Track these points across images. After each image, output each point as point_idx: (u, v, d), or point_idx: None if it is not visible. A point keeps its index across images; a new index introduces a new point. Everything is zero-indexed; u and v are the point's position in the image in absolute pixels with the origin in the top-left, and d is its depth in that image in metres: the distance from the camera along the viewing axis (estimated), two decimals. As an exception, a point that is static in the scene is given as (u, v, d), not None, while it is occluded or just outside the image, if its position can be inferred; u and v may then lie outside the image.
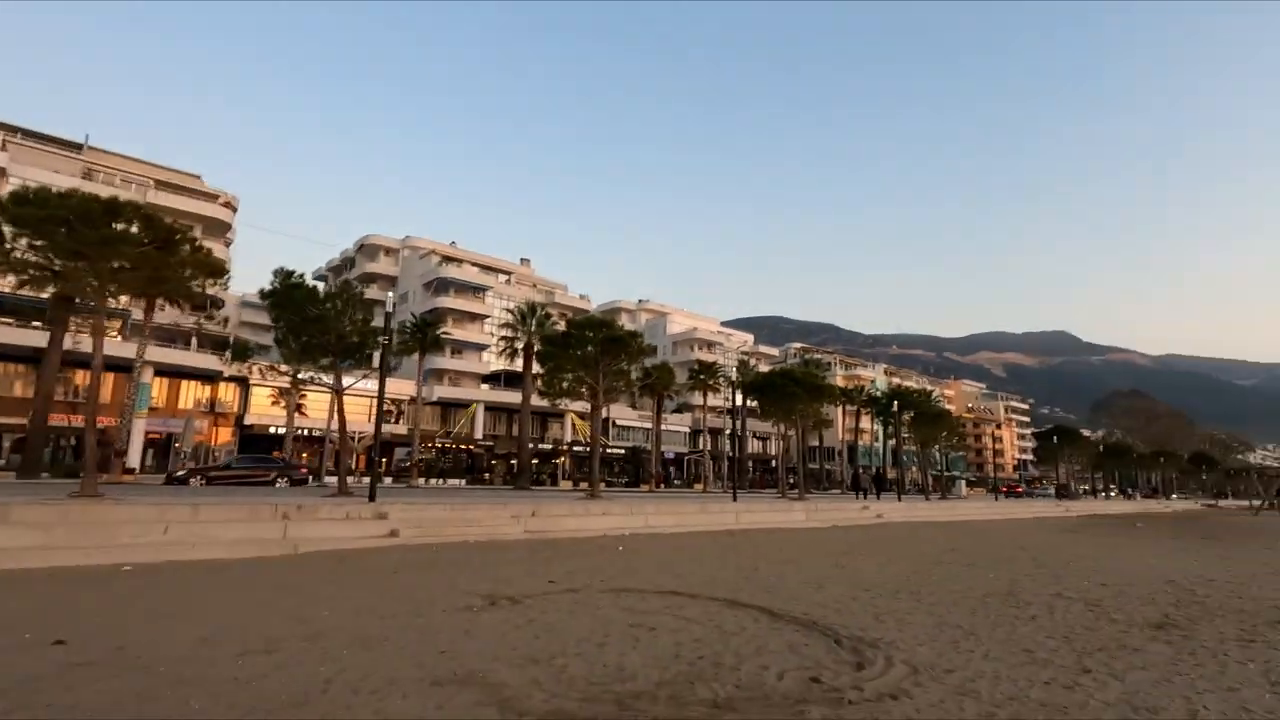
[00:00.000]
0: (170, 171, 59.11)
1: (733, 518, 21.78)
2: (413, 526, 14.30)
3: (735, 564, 11.95)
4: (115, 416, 45.57)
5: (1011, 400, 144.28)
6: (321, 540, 12.73)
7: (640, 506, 19.85)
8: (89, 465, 13.49)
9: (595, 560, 11.77)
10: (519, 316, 40.30)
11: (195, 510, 12.17)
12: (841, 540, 18.30)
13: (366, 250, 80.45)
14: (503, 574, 9.77)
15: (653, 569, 10.80)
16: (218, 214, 56.77)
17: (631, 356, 21.55)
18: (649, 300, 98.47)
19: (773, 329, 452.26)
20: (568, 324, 22.11)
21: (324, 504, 13.85)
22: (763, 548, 15.33)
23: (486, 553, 12.39)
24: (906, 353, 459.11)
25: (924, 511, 30.70)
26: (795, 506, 25.20)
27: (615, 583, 9.12)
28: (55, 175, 49.06)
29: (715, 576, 10.19)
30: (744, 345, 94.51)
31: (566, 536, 16.09)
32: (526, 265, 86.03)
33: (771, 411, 30.07)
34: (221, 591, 7.94)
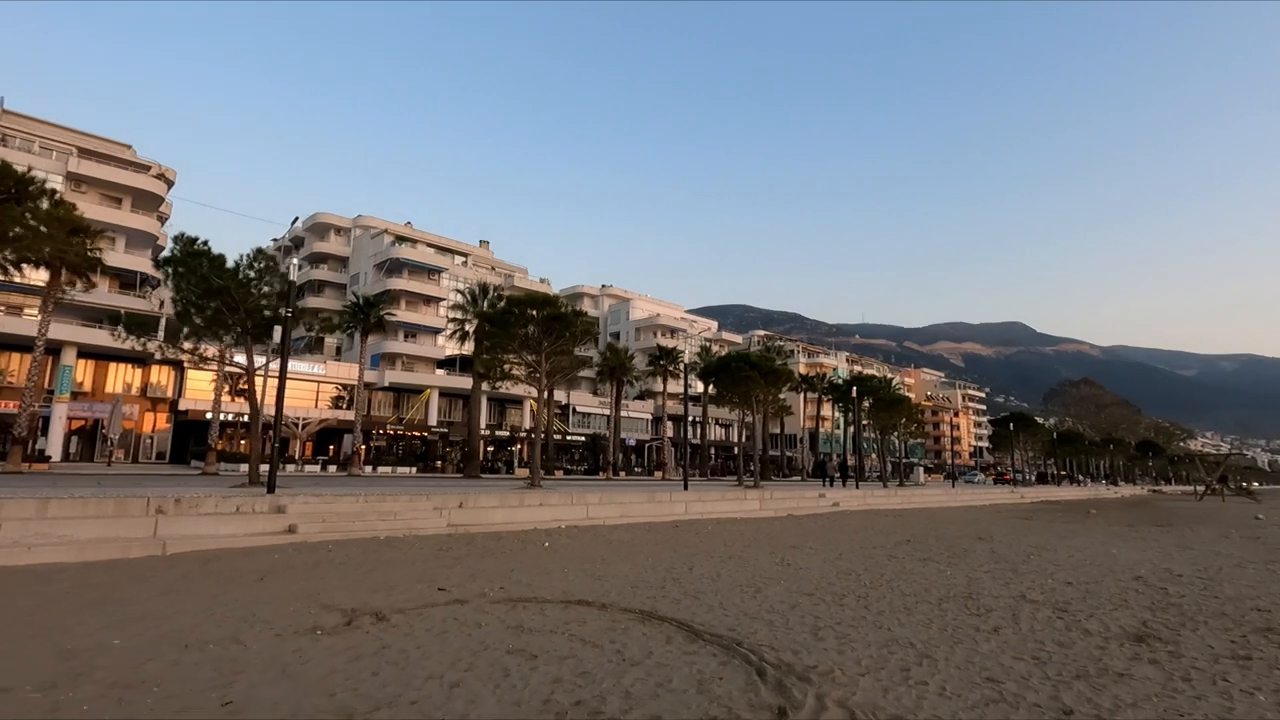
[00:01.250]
0: (98, 140, 55.25)
1: (682, 508, 20.61)
2: (315, 521, 12.73)
3: (669, 562, 10.69)
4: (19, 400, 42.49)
5: (969, 389, 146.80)
6: (199, 539, 11.10)
7: (582, 497, 18.51)
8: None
9: (511, 559, 10.40)
10: (469, 298, 38.42)
11: (44, 505, 10.40)
12: (794, 531, 17.25)
13: (316, 229, 77.07)
14: (392, 578, 8.34)
15: (573, 570, 9.47)
16: (148, 185, 53.25)
17: (575, 337, 20.10)
18: (612, 286, 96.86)
19: (738, 318, 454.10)
20: (508, 301, 20.57)
21: (211, 497, 12.17)
22: (706, 541, 14.15)
23: (390, 551, 10.91)
24: (869, 342, 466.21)
25: (881, 499, 30.04)
26: (750, 495, 24.18)
27: (519, 589, 7.76)
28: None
29: (640, 578, 8.91)
30: (707, 332, 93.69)
31: (493, 530, 14.69)
32: (485, 247, 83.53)
33: (728, 397, 29.00)
34: (7, 610, 6.34)
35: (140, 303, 50.83)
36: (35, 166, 47.21)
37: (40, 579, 8.12)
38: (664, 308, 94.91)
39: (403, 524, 13.75)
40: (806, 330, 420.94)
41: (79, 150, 52.26)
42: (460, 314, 39.80)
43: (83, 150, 52.45)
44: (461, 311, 39.93)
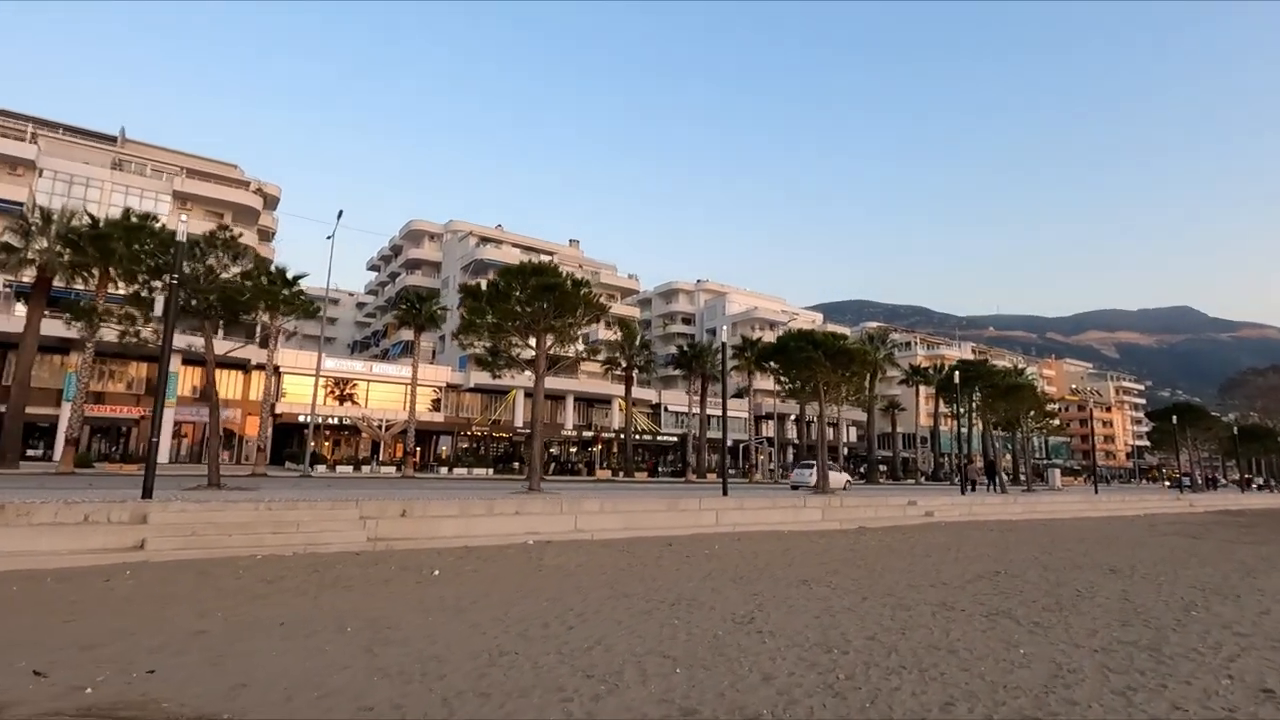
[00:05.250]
0: (205, 161, 58.58)
1: (712, 518, 16.65)
2: (179, 535, 10.18)
3: (544, 609, 7.05)
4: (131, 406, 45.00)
5: (1124, 381, 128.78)
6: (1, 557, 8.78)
7: (577, 504, 15.07)
8: None
9: (353, 597, 7.20)
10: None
11: None
12: (841, 552, 12.89)
13: (412, 236, 78.96)
14: (114, 633, 5.36)
15: (374, 623, 6.11)
16: (248, 200, 55.66)
17: (568, 310, 16.68)
18: (709, 280, 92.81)
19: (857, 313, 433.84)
20: (498, 272, 17.57)
21: (50, 504, 9.92)
22: (697, 566, 10.30)
23: (227, 579, 8.03)
24: (1004, 334, 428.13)
25: (992, 508, 24.28)
26: (811, 503, 19.71)
27: (137, 686, 4.49)
28: (85, 166, 48.90)
29: (436, 653, 5.37)
30: (811, 324, 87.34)
31: (433, 547, 11.62)
32: (574, 246, 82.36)
33: (793, 386, 24.54)
34: None
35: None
36: (146, 188, 50.47)
37: None
38: (762, 300, 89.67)
39: (303, 538, 10.96)
40: (933, 324, 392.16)
41: (188, 171, 55.33)
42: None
43: (191, 171, 55.53)
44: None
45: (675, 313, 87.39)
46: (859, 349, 22.65)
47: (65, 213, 30.77)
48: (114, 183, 49.60)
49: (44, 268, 29.74)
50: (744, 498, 19.07)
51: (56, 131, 51.65)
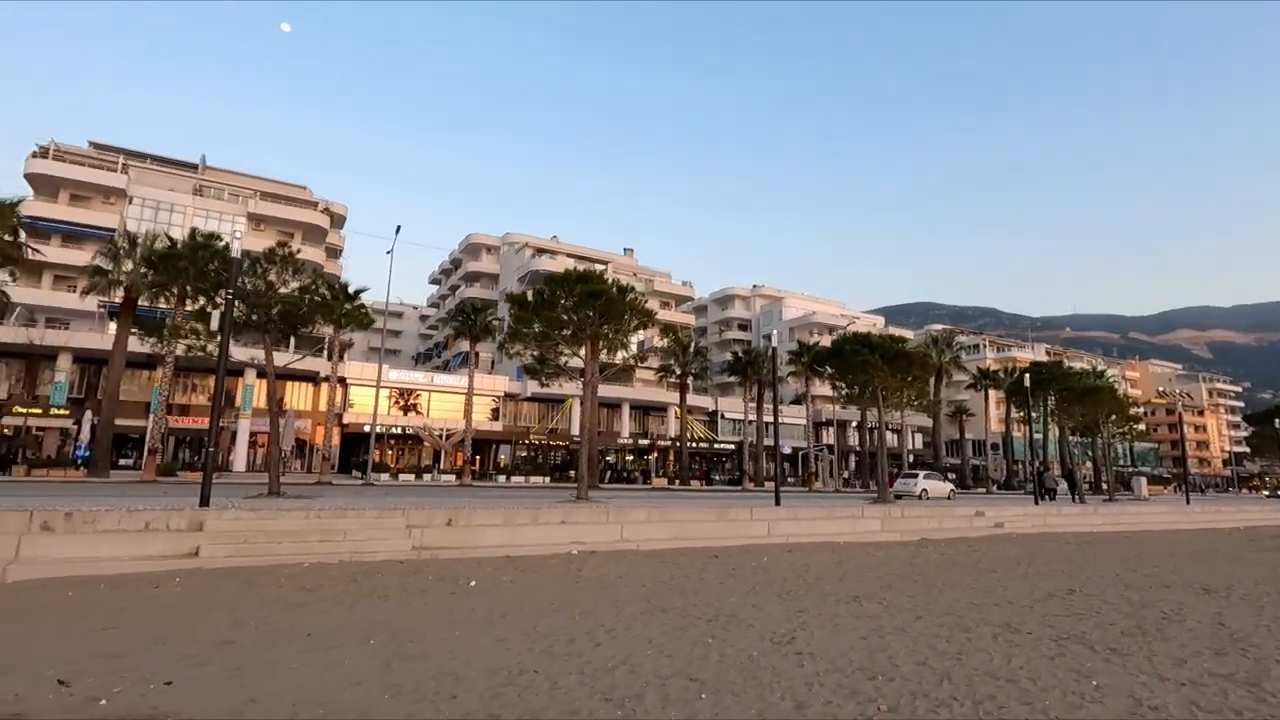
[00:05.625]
0: (277, 184, 61.46)
1: (763, 528, 16.13)
2: (231, 542, 10.46)
3: (596, 624, 6.80)
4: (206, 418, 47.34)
5: (1217, 382, 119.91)
6: (65, 563, 9.17)
7: (623, 514, 14.84)
8: None
9: (389, 607, 7.16)
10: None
11: (-98, 519, 9.05)
12: (898, 566, 12.20)
13: (470, 249, 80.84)
14: (137, 643, 5.46)
15: (398, 636, 5.99)
16: (315, 220, 58.11)
17: (614, 317, 16.47)
18: (764, 286, 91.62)
19: (922, 315, 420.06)
20: (544, 281, 17.59)
21: (114, 512, 10.35)
22: (742, 579, 9.88)
23: (269, 587, 8.15)
24: (1082, 335, 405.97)
25: (1070, 519, 22.75)
26: (869, 513, 18.88)
27: (148, 695, 4.47)
28: (170, 193, 52.03)
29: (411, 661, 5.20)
30: (872, 328, 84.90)
31: (477, 556, 11.59)
32: (629, 255, 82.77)
33: (850, 392, 23.65)
34: None
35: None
36: (224, 211, 53.35)
37: None
38: (820, 305, 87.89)
39: (350, 546, 11.10)
40: (1004, 326, 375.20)
41: (261, 194, 58.15)
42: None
43: (264, 194, 58.34)
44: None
45: (731, 319, 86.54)
46: (919, 352, 21.64)
47: (149, 236, 32.81)
48: (195, 207, 52.52)
49: (130, 288, 31.71)
50: (798, 507, 18.44)
51: (144, 162, 55.14)
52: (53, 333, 43.30)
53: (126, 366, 36.25)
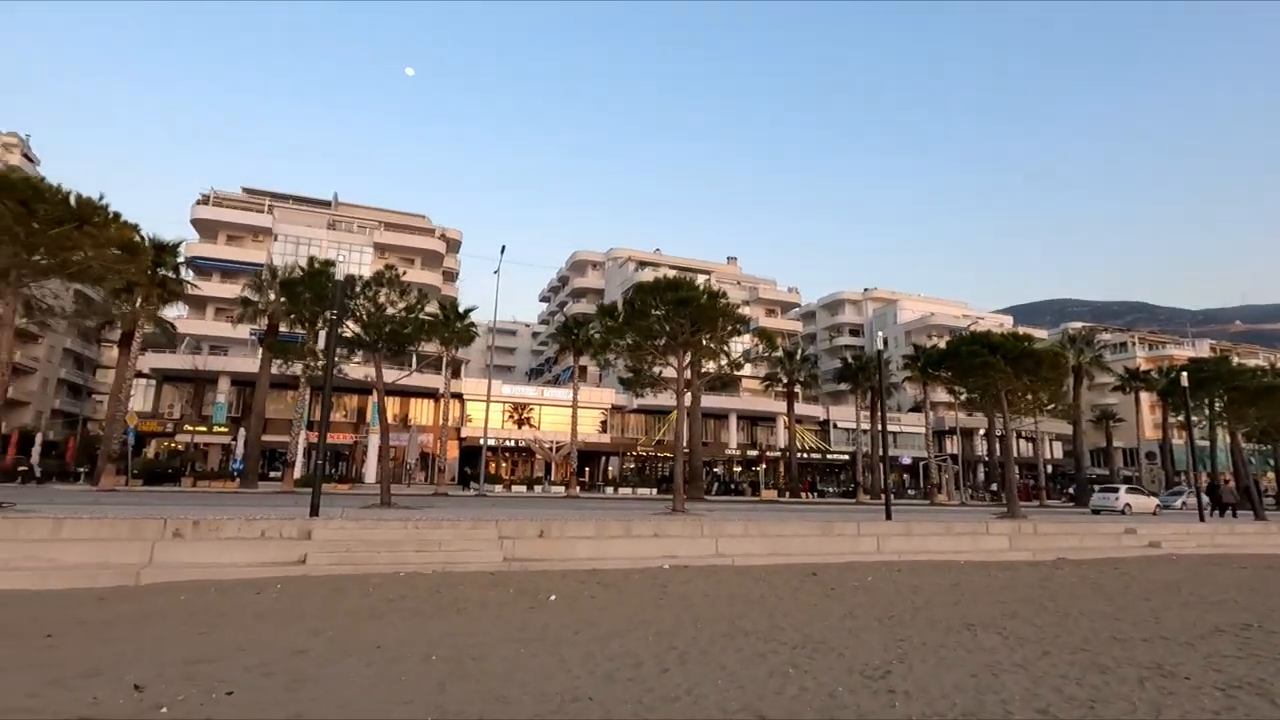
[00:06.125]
0: (400, 214, 65.94)
1: (872, 544, 15.01)
2: (335, 551, 10.94)
3: (668, 647, 6.35)
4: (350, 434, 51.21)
5: None
6: (190, 567, 9.91)
7: (719, 527, 14.29)
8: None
9: (463, 622, 7.12)
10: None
11: (57, 525, 10.15)
12: (1028, 588, 10.84)
13: (576, 266, 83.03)
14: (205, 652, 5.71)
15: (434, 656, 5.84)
16: (432, 246, 61.83)
17: (706, 323, 15.95)
18: (876, 289, 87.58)
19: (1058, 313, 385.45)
20: (634, 289, 17.40)
21: (233, 521, 11.12)
22: (840, 600, 9.08)
23: (356, 596, 8.40)
24: (1256, 328, 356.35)
25: (1248, 538, 19.60)
26: (996, 529, 17.14)
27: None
28: (307, 229, 57.12)
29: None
30: (998, 329, 78.68)
31: (568, 568, 11.49)
32: (732, 264, 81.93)
33: (971, 396, 21.67)
34: None
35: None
36: (353, 242, 57.81)
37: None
38: (939, 306, 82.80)
39: (444, 556, 11.32)
40: (1158, 321, 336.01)
41: (385, 225, 62.58)
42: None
43: (387, 225, 62.75)
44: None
45: (841, 324, 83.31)
46: (1049, 351, 19.44)
47: (287, 269, 36.09)
48: (329, 240, 57.20)
49: (271, 315, 34.93)
50: (913, 522, 17.05)
51: (287, 202, 60.88)
52: (214, 359, 48.51)
53: (272, 387, 39.89)
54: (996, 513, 21.83)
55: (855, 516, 18.28)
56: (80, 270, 12.16)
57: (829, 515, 19.10)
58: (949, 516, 20.37)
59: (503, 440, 53.56)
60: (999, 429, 44.92)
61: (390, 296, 17.50)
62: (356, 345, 17.28)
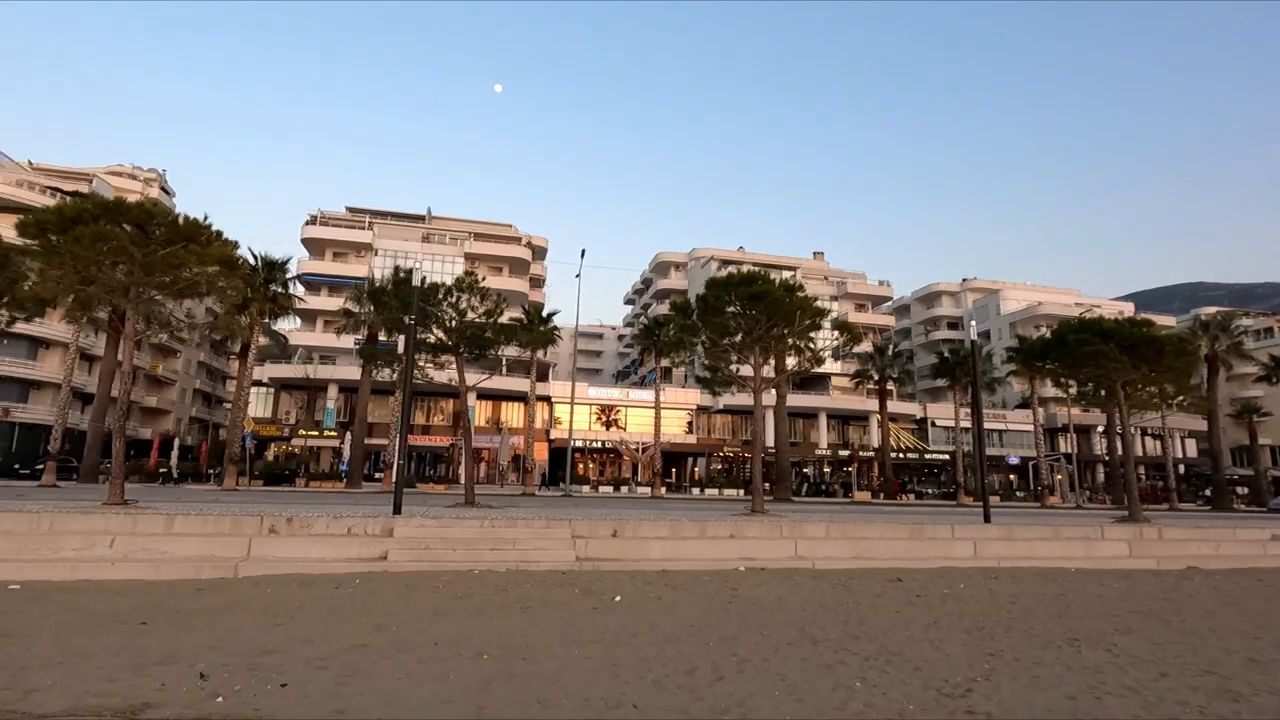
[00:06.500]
0: (488, 224, 68.35)
1: (968, 549, 13.99)
2: (413, 548, 11.27)
3: (729, 653, 6.01)
4: (447, 436, 53.36)
5: None
6: (282, 561, 10.47)
7: (799, 528, 13.73)
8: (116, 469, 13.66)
9: (525, 619, 7.10)
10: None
11: (170, 521, 10.98)
12: (1147, 599, 9.70)
13: (659, 268, 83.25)
14: (262, 642, 5.94)
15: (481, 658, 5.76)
16: (519, 254, 63.67)
17: (782, 318, 15.30)
18: (975, 279, 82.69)
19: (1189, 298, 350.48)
20: (706, 286, 17.01)
21: (322, 519, 11.68)
22: (925, 609, 8.42)
23: (425, 593, 8.58)
24: None
25: None
26: (1114, 533, 15.56)
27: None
28: (403, 242, 60.21)
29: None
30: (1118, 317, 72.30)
31: (639, 569, 11.35)
32: (819, 258, 79.68)
33: (1082, 389, 19.75)
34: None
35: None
36: (445, 253, 60.37)
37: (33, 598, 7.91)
38: (1048, 294, 77.21)
39: (517, 555, 11.44)
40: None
41: (474, 235, 64.99)
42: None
43: (477, 235, 65.14)
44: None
45: (938, 317, 79.17)
46: (1172, 337, 17.40)
47: (383, 281, 38.13)
48: (423, 253, 60.01)
49: (370, 325, 36.93)
50: (1015, 525, 15.76)
51: (385, 219, 64.32)
52: (323, 368, 51.87)
53: (374, 393, 42.18)
54: (1116, 516, 19.89)
55: (950, 519, 17.14)
56: (188, 285, 13.22)
57: (921, 517, 18.00)
58: (1060, 520, 18.73)
59: (590, 442, 54.32)
60: (1117, 425, 41.19)
61: (470, 301, 18.00)
62: (440, 350, 17.89)
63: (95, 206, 12.09)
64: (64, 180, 55.73)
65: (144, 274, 12.44)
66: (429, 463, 55.37)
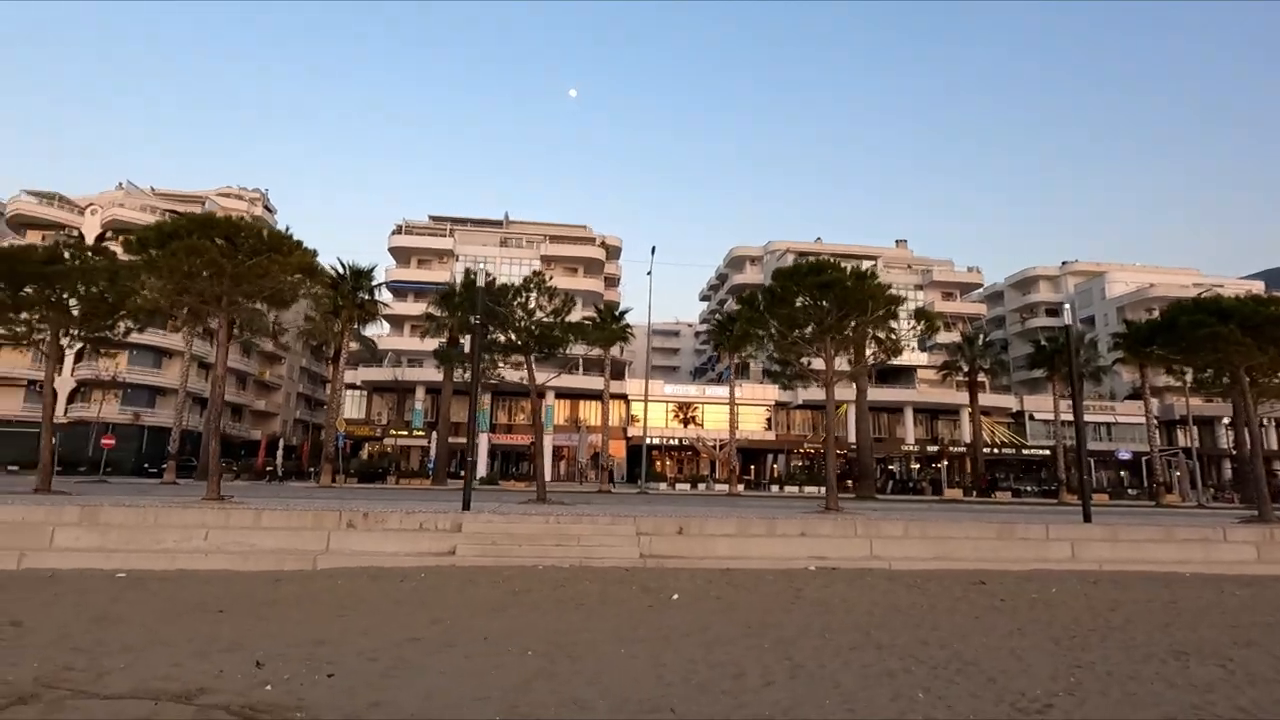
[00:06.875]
0: (563, 227, 69.52)
1: (1065, 550, 12.94)
2: (480, 543, 11.48)
3: (782, 657, 5.70)
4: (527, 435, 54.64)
5: None
6: (357, 555, 10.90)
7: (875, 527, 13.09)
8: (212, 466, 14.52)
9: (558, 620, 7.04)
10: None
11: (258, 515, 11.66)
12: (1276, 609, 8.59)
13: (734, 263, 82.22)
14: (313, 635, 6.14)
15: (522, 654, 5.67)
16: (593, 254, 64.46)
17: (853, 308, 14.56)
18: (1076, 261, 77.07)
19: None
20: (773, 276, 16.45)
21: (396, 514, 12.08)
22: (1009, 615, 7.78)
23: (485, 587, 8.70)
24: None
25: None
26: (1238, 536, 13.99)
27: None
28: (483, 247, 62.11)
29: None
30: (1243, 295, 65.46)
31: (704, 567, 11.12)
32: (901, 246, 76.49)
33: (1201, 375, 17.81)
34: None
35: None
36: (522, 257, 61.86)
37: (131, 585, 8.51)
38: (1161, 275, 71.01)
39: (580, 551, 11.44)
40: None
41: (550, 238, 66.23)
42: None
43: (552, 238, 66.36)
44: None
45: (1035, 303, 74.26)
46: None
47: (454, 284, 39.44)
48: (502, 256, 61.67)
49: (451, 329, 38.28)
50: (1121, 525, 14.45)
51: (465, 226, 66.48)
52: (411, 370, 54.19)
53: (456, 394, 43.75)
54: (1242, 516, 17.91)
55: (1046, 517, 15.93)
56: (274, 292, 14.05)
57: (1013, 516, 16.83)
58: (1175, 520, 17.06)
59: (667, 439, 54.26)
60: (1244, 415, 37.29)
61: (539, 301, 18.24)
62: (510, 349, 18.24)
63: (189, 222, 13.06)
64: (181, 203, 60.75)
65: (233, 284, 13.30)
66: (513, 460, 56.78)
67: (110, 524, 11.18)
